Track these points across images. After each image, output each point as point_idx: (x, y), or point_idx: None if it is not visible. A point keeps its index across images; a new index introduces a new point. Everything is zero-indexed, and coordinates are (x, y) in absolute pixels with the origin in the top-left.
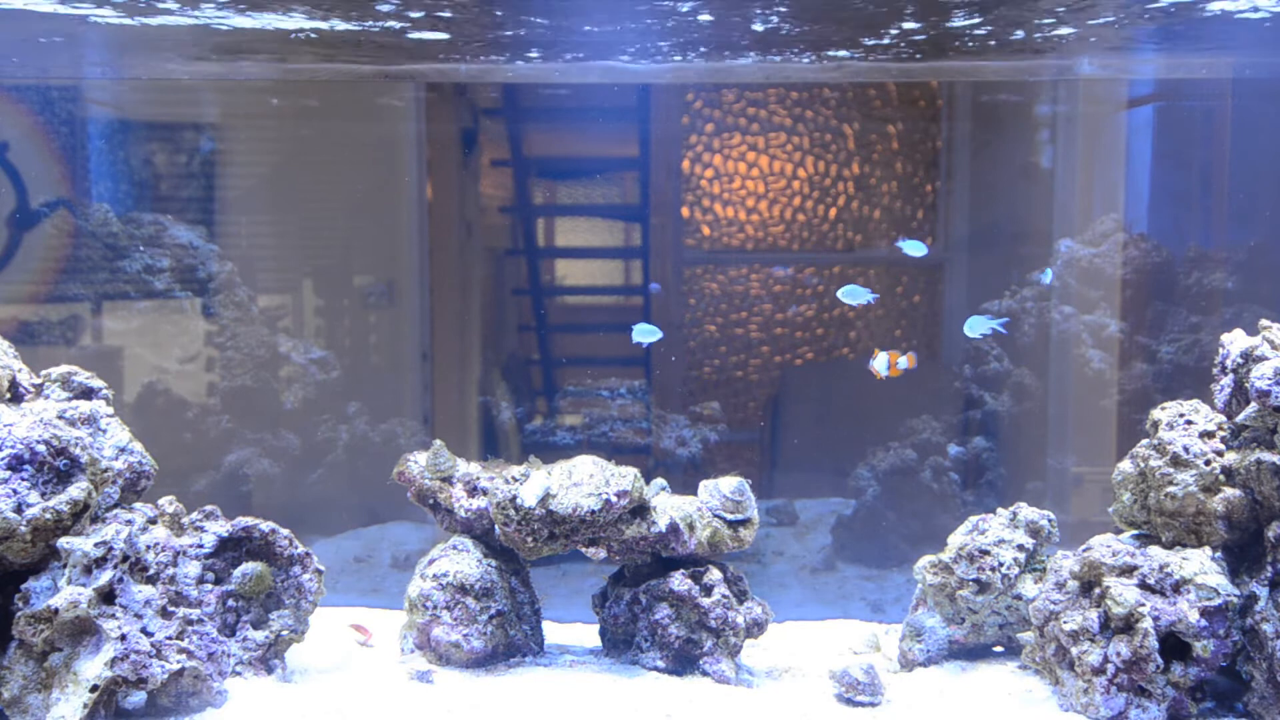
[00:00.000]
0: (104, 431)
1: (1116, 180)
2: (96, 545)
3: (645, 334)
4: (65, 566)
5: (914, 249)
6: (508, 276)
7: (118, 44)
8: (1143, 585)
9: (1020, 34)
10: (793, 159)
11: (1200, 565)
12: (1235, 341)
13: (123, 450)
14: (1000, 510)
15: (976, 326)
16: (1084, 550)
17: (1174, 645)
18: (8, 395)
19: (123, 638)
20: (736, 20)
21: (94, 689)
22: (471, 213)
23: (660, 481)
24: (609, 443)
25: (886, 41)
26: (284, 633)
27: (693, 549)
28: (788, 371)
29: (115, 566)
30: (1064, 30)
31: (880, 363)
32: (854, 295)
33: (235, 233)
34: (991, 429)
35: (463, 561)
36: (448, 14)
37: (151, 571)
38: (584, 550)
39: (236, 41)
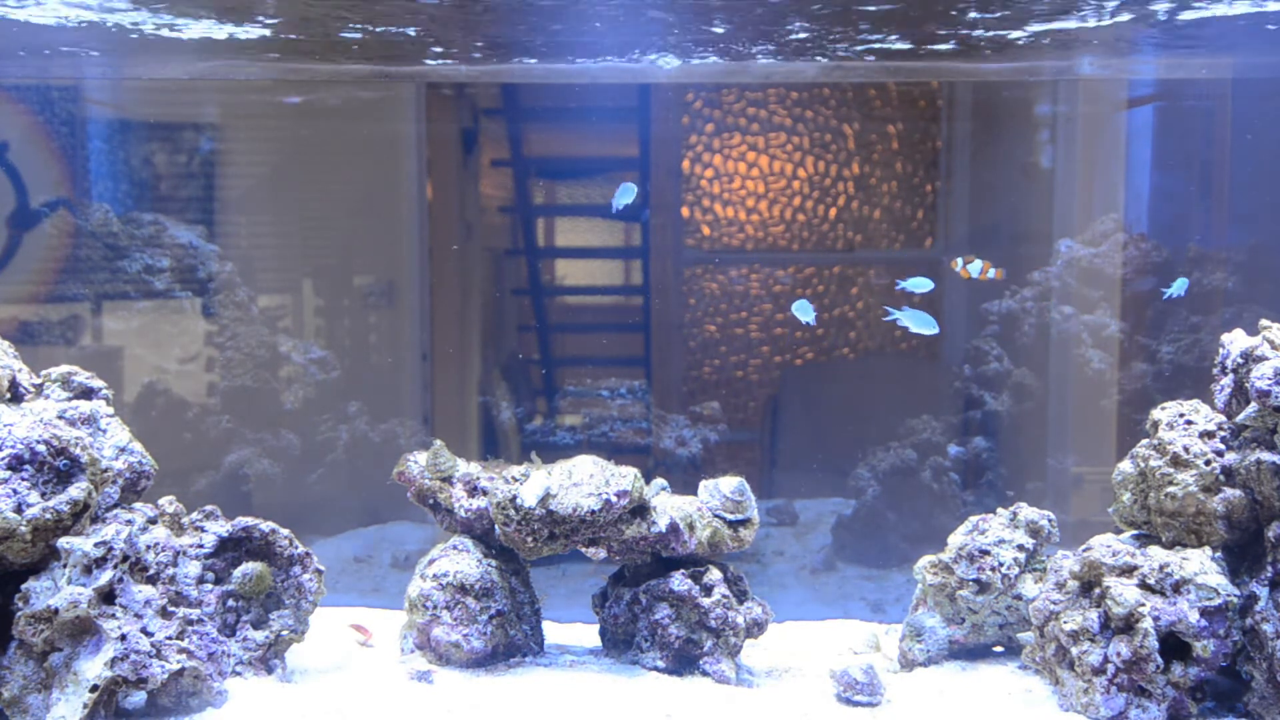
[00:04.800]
0: (104, 431)
1: (1116, 180)
2: (96, 545)
3: (803, 310)
4: (65, 566)
5: (918, 286)
6: (508, 276)
7: (122, 45)
8: (1143, 585)
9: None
10: (793, 159)
11: (1200, 565)
12: (1235, 341)
13: (123, 450)
14: (1000, 510)
15: (804, 311)
16: (1084, 550)
17: (1174, 645)
18: (8, 395)
19: (123, 638)
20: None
21: (94, 689)
22: (471, 213)
23: (660, 481)
24: (609, 443)
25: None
26: (284, 633)
27: (693, 549)
28: (788, 371)
29: (115, 566)
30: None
31: (974, 268)
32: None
33: (235, 233)
34: (991, 429)
35: (463, 561)
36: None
37: (152, 571)
38: (584, 550)
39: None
